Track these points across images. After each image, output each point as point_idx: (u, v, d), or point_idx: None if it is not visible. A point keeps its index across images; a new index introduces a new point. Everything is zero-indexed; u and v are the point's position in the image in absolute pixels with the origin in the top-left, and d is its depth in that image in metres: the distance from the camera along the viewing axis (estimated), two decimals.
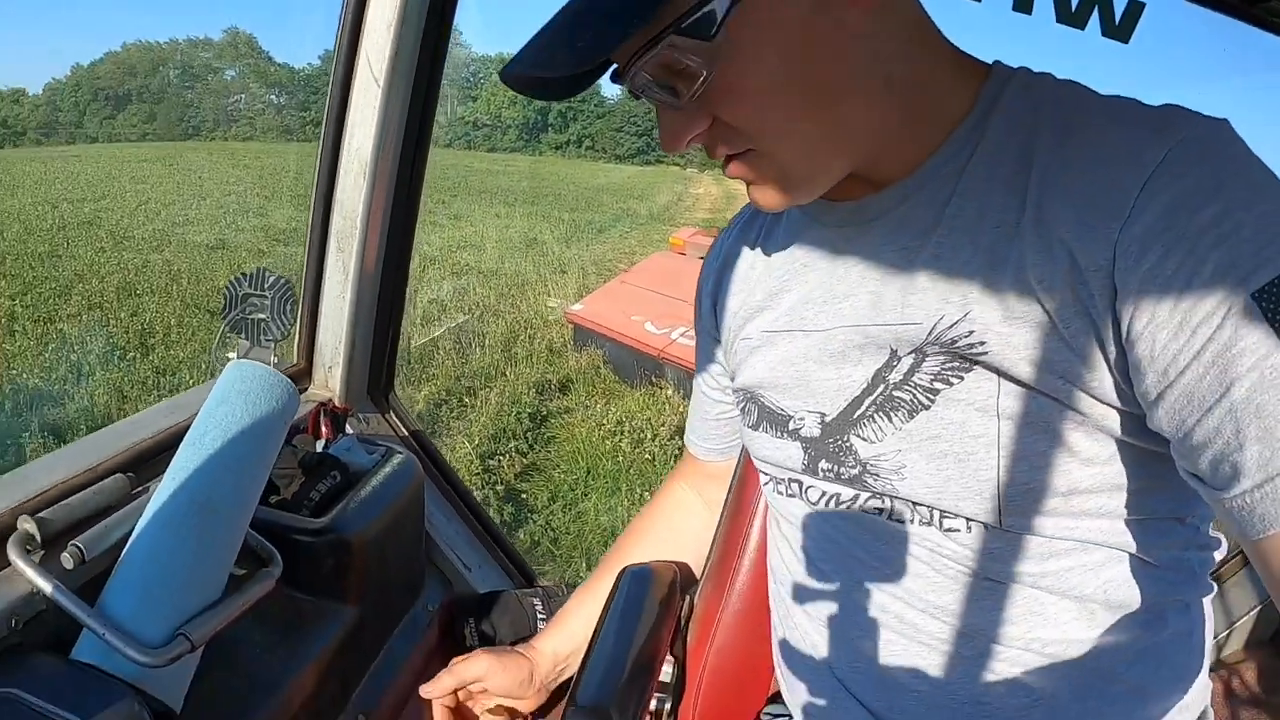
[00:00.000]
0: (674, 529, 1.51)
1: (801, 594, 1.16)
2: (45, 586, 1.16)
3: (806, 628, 1.16)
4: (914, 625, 1.04)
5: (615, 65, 0.87)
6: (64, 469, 1.37)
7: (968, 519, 0.96)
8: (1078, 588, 0.96)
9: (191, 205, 20.96)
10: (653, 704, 1.38)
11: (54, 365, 9.02)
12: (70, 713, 1.03)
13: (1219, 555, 1.05)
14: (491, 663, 1.40)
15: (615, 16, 0.79)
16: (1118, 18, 1.27)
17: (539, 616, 2.05)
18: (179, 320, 10.72)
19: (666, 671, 1.41)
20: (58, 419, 7.70)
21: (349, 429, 2.03)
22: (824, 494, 1.09)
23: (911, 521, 1.01)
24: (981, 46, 1.00)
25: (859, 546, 1.07)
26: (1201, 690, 1.07)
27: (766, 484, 1.20)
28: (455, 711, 1.43)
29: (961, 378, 0.92)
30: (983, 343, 0.89)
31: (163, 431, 1.56)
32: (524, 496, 6.26)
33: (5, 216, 18.00)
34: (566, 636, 1.45)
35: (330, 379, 2.04)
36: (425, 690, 1.40)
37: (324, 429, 1.92)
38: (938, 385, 0.94)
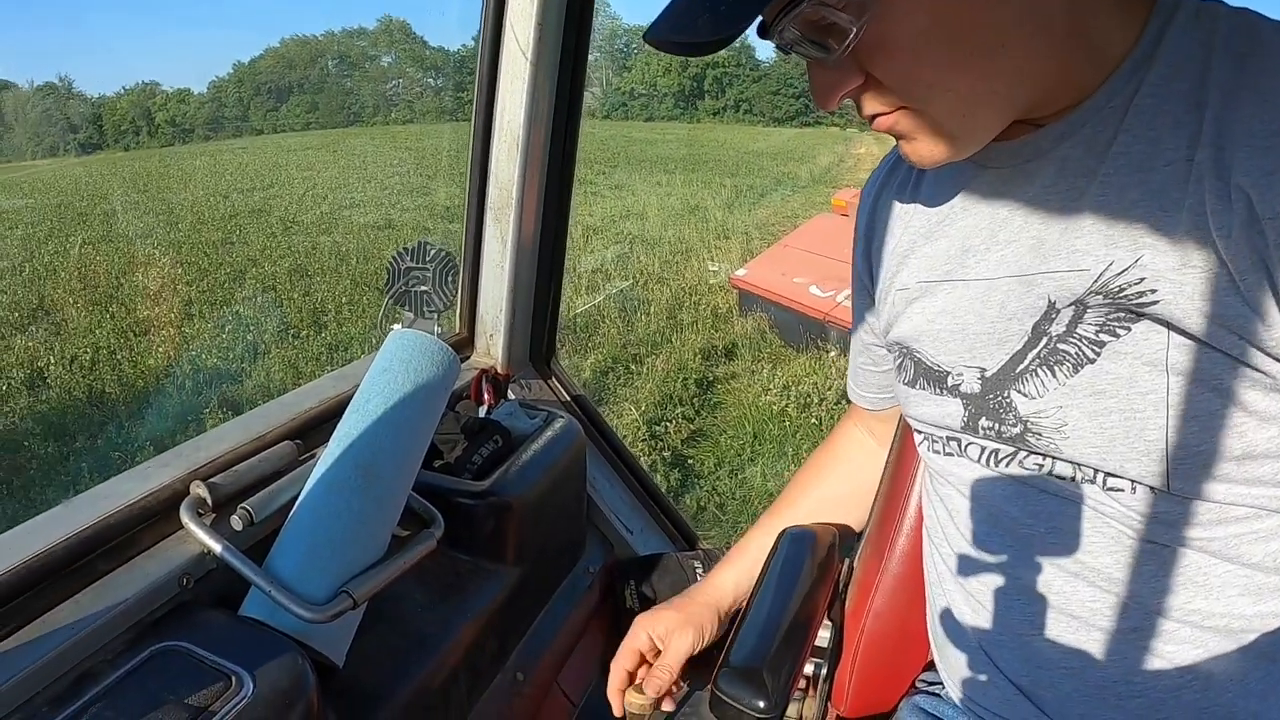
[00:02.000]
0: (852, 462, 1.48)
1: (955, 560, 1.14)
2: (215, 547, 1.22)
3: (956, 597, 1.14)
4: (1065, 594, 1.00)
5: (760, 19, 0.83)
6: (235, 437, 1.43)
7: (1133, 481, 0.91)
8: (1246, 555, 0.91)
9: (356, 188, 21.51)
10: (809, 668, 1.37)
11: (231, 345, 9.40)
12: (237, 665, 1.08)
13: None
14: (669, 624, 1.37)
15: None
16: None
17: (699, 579, 2.05)
18: (349, 298, 11.03)
19: (823, 636, 1.39)
20: (236, 395, 8.05)
21: (511, 395, 2.06)
22: (983, 451, 1.05)
23: (1073, 480, 0.96)
24: None
25: (1015, 505, 1.03)
26: None
27: (921, 443, 1.17)
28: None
29: (1129, 329, 0.87)
30: (1154, 291, 0.84)
31: (328, 400, 1.62)
32: (690, 462, 6.27)
33: (179, 209, 18.79)
34: (747, 567, 1.41)
35: (492, 347, 2.08)
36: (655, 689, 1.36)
37: (486, 395, 1.96)
38: (1103, 337, 0.89)
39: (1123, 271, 0.86)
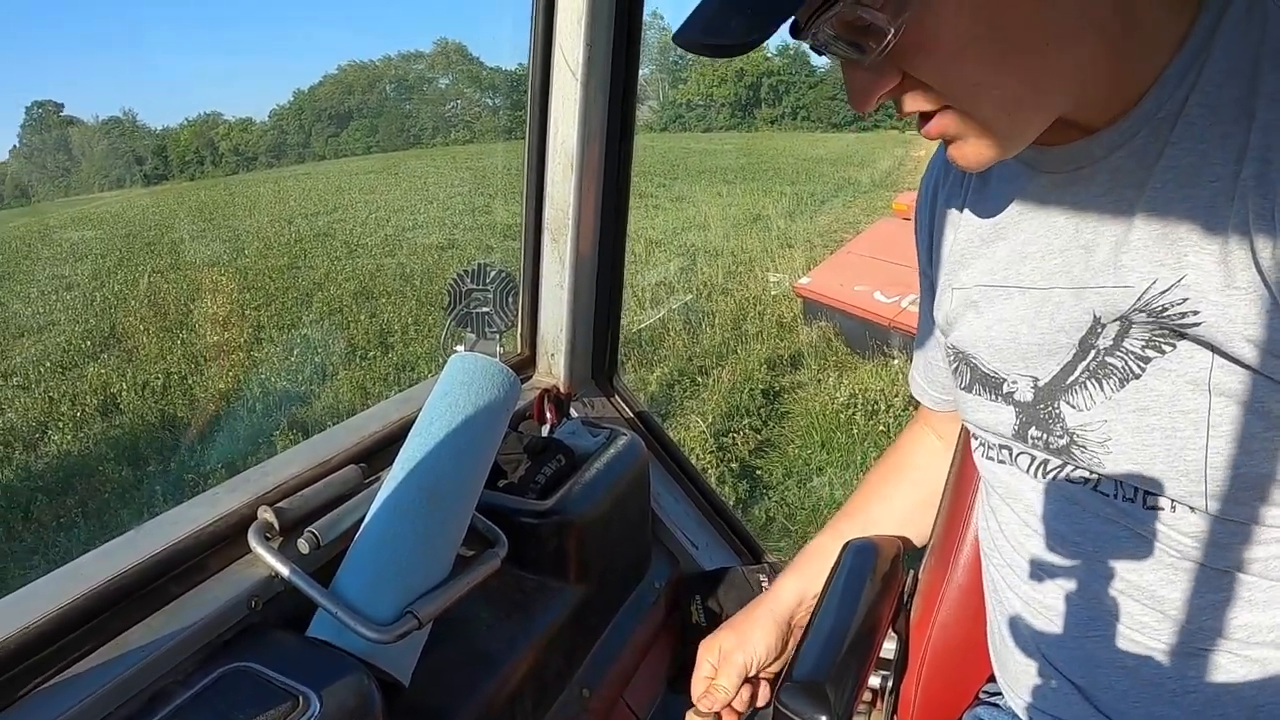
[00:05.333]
0: (920, 468, 1.46)
1: (1009, 570, 1.14)
2: (283, 570, 1.25)
3: (1013, 601, 1.13)
4: (1115, 607, 0.99)
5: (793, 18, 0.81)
6: (300, 462, 1.46)
7: (1172, 499, 0.91)
8: None
9: (419, 210, 21.69)
10: (875, 681, 1.36)
11: (299, 368, 9.54)
12: (304, 685, 1.10)
13: None
14: (726, 643, 1.35)
15: None
16: None
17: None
18: (415, 318, 11.13)
19: (889, 648, 1.39)
20: (306, 417, 8.16)
21: (574, 413, 2.07)
22: (1033, 461, 1.05)
23: (1115, 497, 0.96)
24: None
25: (1063, 522, 1.03)
26: None
27: (977, 449, 1.16)
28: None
29: (1173, 346, 0.86)
30: (1196, 312, 0.82)
31: (392, 424, 1.64)
32: (759, 473, 6.25)
33: (245, 235, 19.15)
34: (813, 575, 1.37)
35: (554, 366, 2.10)
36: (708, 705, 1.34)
37: (549, 414, 1.97)
38: (1149, 353, 0.88)
39: (1166, 290, 0.84)
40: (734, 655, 1.33)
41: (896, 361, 7.85)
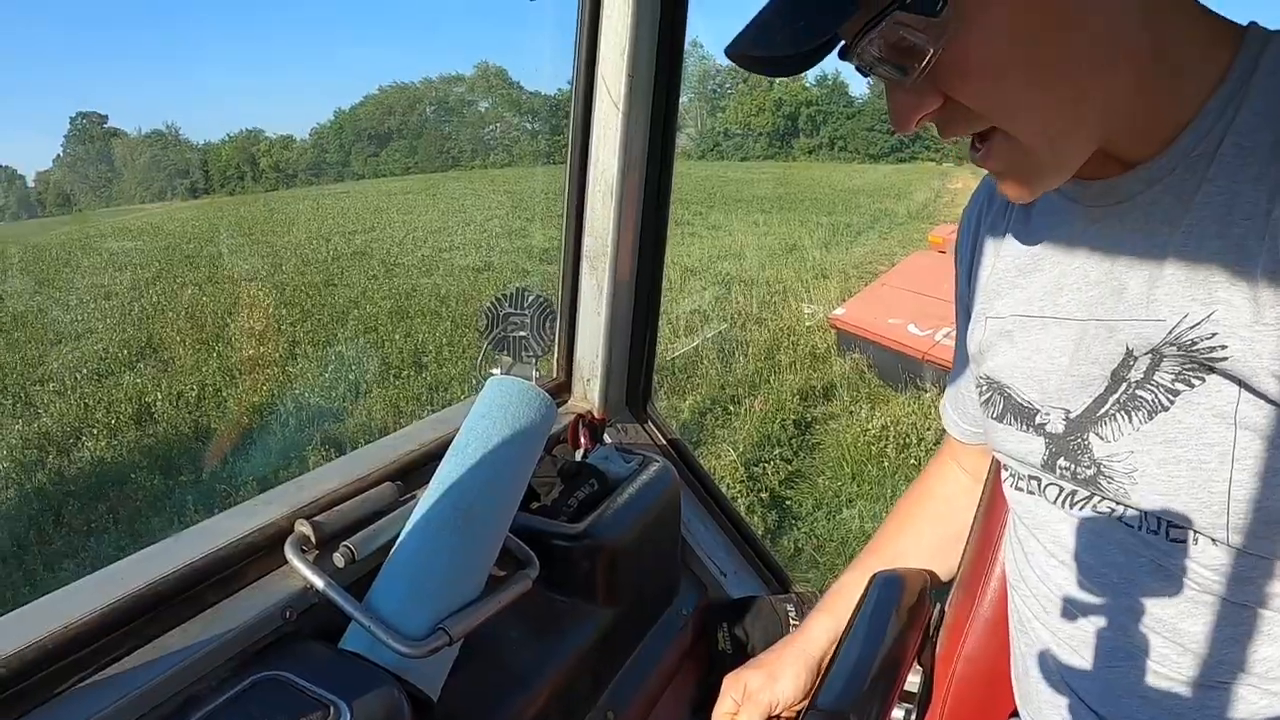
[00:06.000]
0: (949, 502, 1.47)
1: (1035, 601, 1.14)
2: (318, 582, 1.27)
3: (1039, 631, 1.14)
4: (1136, 638, 1.00)
5: (843, 42, 0.84)
6: (338, 478, 1.48)
7: (1195, 532, 0.91)
8: None
9: (456, 231, 21.86)
10: (899, 714, 1.37)
11: (333, 384, 9.60)
12: (335, 695, 1.12)
13: None
14: (752, 682, 1.37)
15: None
16: None
17: (792, 623, 2.05)
18: (449, 339, 11.18)
19: (913, 681, 1.39)
20: (338, 433, 8.22)
21: (607, 439, 2.09)
22: (1061, 492, 1.06)
23: (1140, 529, 0.97)
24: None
25: (1090, 554, 1.03)
26: None
27: (1007, 480, 1.17)
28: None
29: (1202, 379, 0.87)
30: (1224, 346, 0.83)
31: (428, 443, 1.66)
32: (788, 504, 6.24)
33: (283, 251, 19.34)
34: (844, 613, 1.37)
35: (589, 391, 2.11)
36: None
37: (583, 439, 1.99)
38: (1179, 386, 0.89)
39: (1195, 325, 0.86)
40: (760, 695, 1.35)
41: (929, 394, 7.84)
